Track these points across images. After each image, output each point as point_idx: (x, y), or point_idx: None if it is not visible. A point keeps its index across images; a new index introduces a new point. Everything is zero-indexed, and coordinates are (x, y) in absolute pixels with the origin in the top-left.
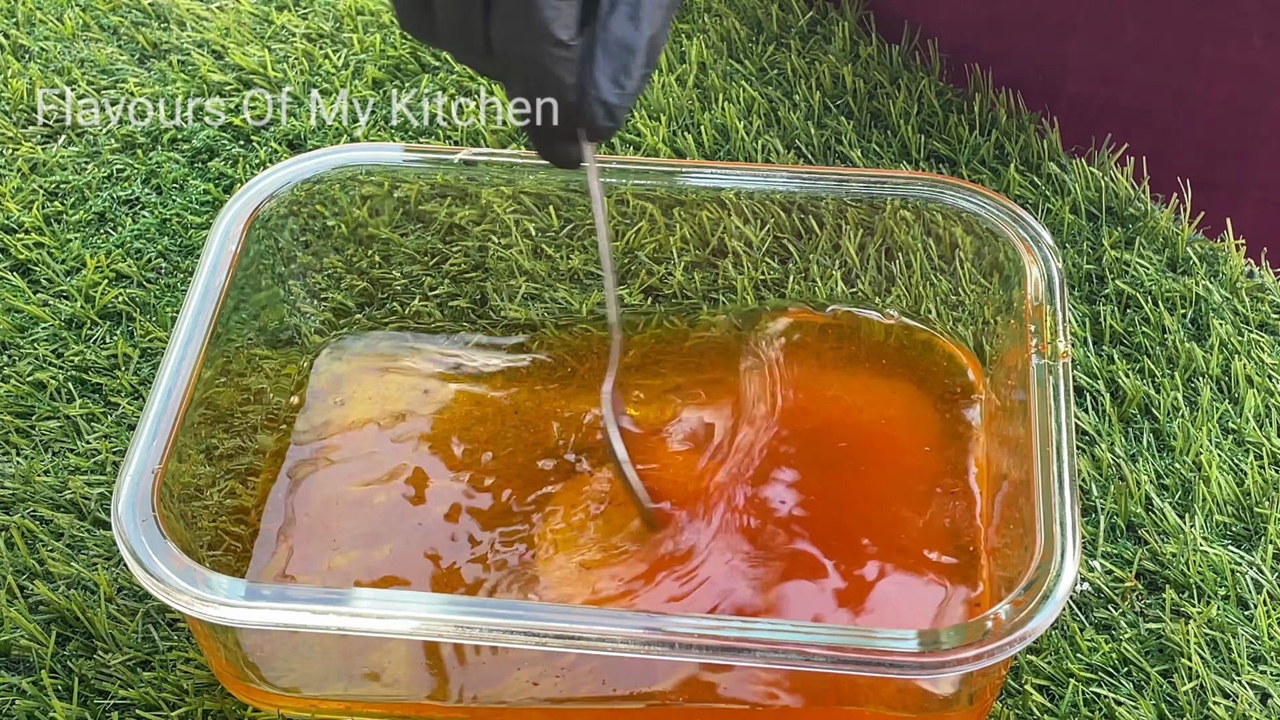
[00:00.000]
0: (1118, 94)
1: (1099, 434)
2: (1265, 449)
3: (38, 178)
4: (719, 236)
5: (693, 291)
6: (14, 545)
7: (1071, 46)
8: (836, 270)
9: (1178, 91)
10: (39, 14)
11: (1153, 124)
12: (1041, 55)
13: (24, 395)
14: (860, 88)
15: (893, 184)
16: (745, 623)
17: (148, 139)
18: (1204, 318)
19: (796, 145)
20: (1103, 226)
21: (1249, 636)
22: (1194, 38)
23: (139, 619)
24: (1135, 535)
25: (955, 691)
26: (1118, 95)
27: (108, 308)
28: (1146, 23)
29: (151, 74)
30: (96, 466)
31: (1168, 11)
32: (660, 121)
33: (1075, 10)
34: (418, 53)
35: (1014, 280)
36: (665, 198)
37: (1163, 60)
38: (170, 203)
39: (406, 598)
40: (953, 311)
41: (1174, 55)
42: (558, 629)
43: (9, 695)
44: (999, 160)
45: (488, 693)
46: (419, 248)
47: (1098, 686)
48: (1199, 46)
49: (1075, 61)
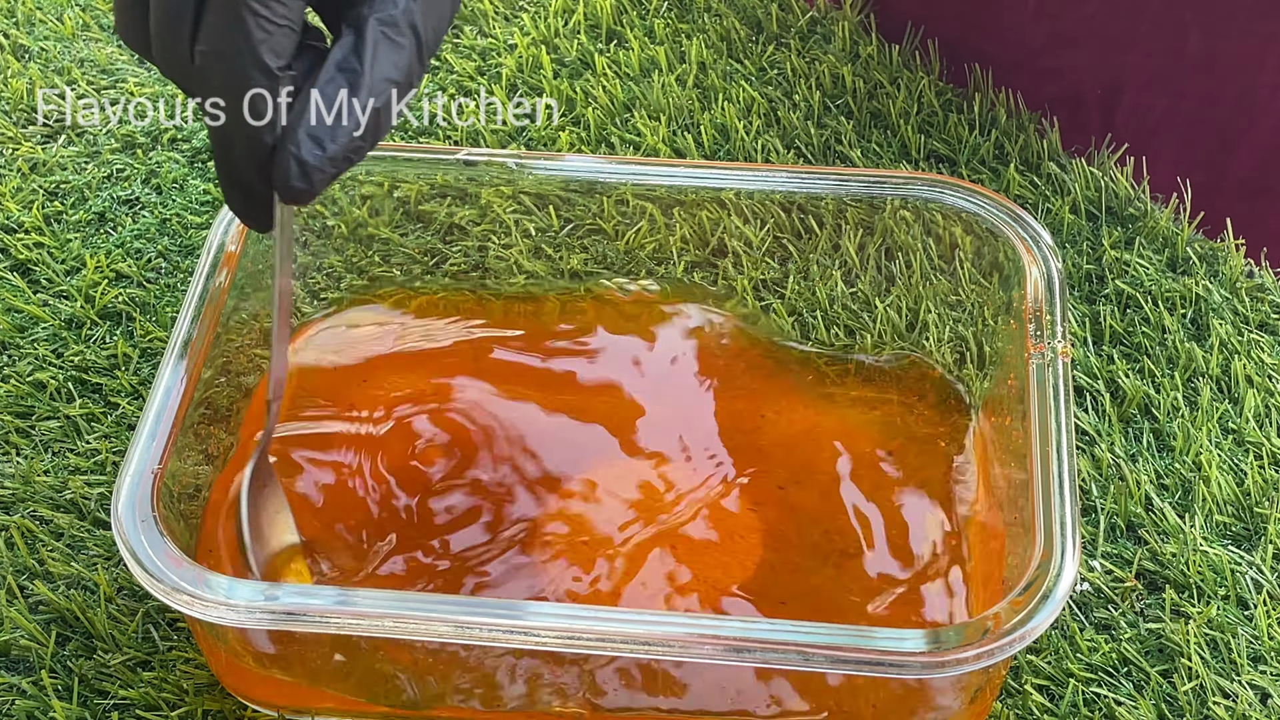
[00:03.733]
0: (1177, 105)
1: (1099, 434)
2: (1265, 449)
3: (38, 178)
4: (719, 236)
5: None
6: (14, 545)
7: (1133, 59)
8: (836, 270)
9: (1239, 100)
10: (39, 14)
11: (1214, 132)
12: (1101, 68)
13: (24, 395)
14: (860, 88)
15: (893, 184)
16: (746, 622)
17: (148, 139)
18: (1204, 318)
19: (796, 145)
20: (1103, 226)
21: (1249, 636)
22: (1258, 49)
23: (139, 619)
24: (1135, 535)
25: (955, 691)
26: (1177, 106)
27: (108, 308)
28: (1209, 33)
29: (151, 74)
30: (96, 466)
31: (1231, 22)
32: (660, 121)
33: (1137, 23)
34: None
35: (1014, 280)
36: (665, 198)
37: (1224, 69)
38: (170, 203)
39: (406, 598)
40: (952, 311)
41: (1237, 64)
42: (558, 629)
43: (9, 695)
44: (999, 160)
45: (487, 692)
46: (419, 248)
47: (1098, 686)
48: (1263, 57)
49: (1136, 73)
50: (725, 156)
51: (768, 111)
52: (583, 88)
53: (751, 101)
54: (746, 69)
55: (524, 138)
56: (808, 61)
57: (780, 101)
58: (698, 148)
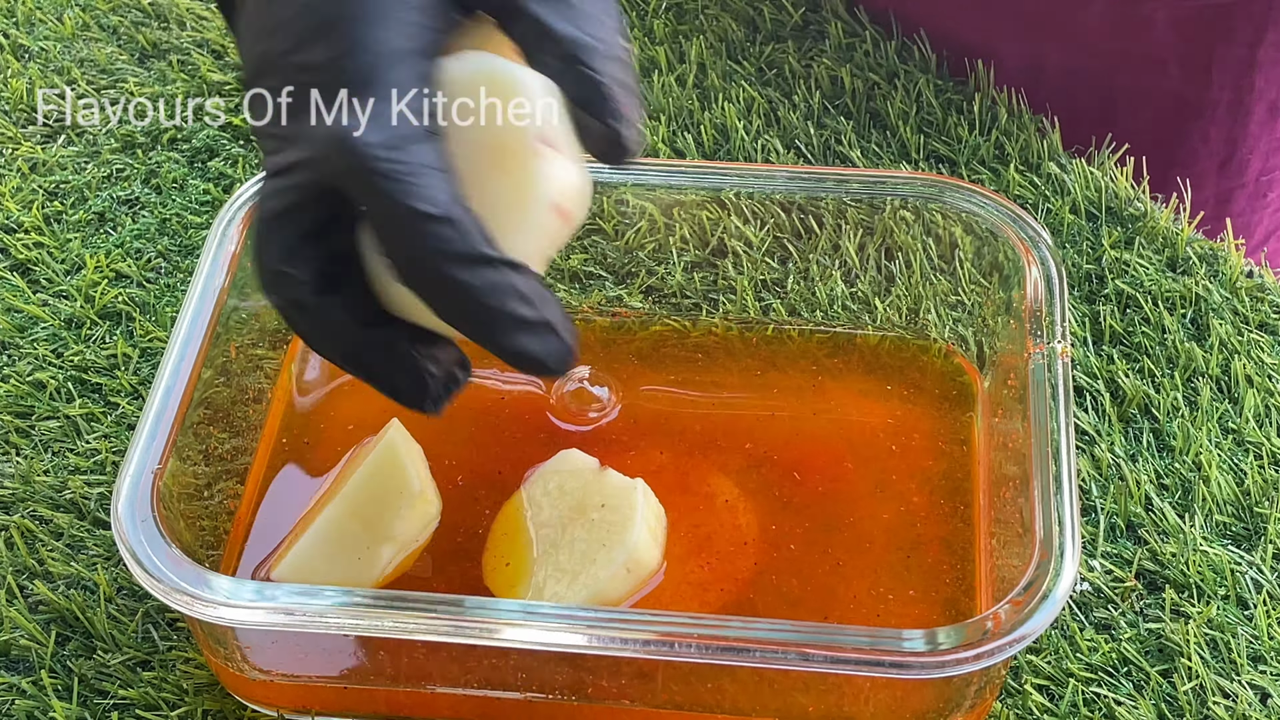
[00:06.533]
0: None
1: (1099, 434)
2: (1265, 449)
3: (37, 177)
4: (719, 236)
5: (693, 291)
6: (14, 545)
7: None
8: (836, 270)
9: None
10: (39, 14)
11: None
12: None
13: (24, 395)
14: (859, 88)
15: (893, 184)
16: (746, 622)
17: (147, 139)
18: (1204, 318)
19: (796, 145)
20: (1103, 226)
21: (1249, 636)
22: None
23: (139, 619)
24: (1135, 535)
25: (955, 692)
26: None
27: (107, 308)
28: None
29: (151, 74)
30: (96, 466)
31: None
32: (660, 121)
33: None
34: None
35: (1014, 280)
36: (665, 198)
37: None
38: (170, 203)
39: (406, 597)
40: (952, 311)
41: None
42: (558, 629)
43: (8, 695)
44: (999, 160)
45: (487, 690)
46: None
47: (1097, 686)
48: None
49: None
50: (725, 156)
51: (767, 112)
52: None
53: (751, 101)
54: (745, 69)
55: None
56: (806, 62)
57: (780, 102)
58: (698, 148)
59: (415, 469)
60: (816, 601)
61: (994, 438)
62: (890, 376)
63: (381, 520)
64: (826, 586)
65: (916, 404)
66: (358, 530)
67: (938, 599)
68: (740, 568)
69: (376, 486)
